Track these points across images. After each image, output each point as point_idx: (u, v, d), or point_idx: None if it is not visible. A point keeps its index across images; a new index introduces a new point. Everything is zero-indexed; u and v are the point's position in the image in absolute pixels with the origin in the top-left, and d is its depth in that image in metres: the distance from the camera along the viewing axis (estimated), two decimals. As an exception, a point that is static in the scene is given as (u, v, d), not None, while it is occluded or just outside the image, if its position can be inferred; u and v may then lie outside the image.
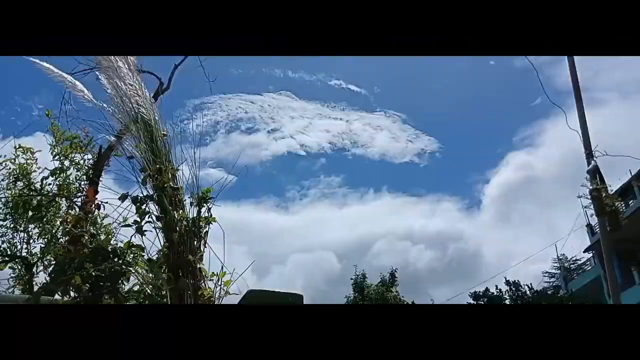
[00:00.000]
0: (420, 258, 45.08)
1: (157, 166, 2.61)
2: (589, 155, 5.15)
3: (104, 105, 2.88)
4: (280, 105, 39.85)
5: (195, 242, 2.55)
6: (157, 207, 2.60)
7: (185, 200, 2.65)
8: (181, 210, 2.57)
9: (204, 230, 2.60)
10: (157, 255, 2.54)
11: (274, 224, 50.24)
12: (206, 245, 2.59)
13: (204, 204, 2.61)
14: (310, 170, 53.07)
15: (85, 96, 2.93)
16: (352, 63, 54.22)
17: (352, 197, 53.10)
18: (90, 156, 6.29)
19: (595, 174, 4.94)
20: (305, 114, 44.11)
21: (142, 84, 2.92)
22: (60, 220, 5.53)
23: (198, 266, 2.51)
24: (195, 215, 2.60)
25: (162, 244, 2.54)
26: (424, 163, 48.74)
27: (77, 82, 3.01)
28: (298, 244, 49.56)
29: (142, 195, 2.58)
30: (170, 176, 2.62)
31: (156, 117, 2.81)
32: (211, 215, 2.64)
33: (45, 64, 3.00)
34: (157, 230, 2.55)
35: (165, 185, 2.56)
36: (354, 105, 48.53)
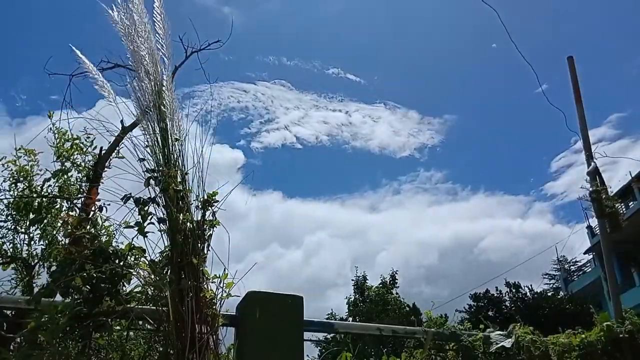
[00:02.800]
0: (519, 254, 44.66)
1: (162, 168, 2.61)
2: (589, 156, 5.15)
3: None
4: (275, 95, 38.95)
5: (199, 244, 2.55)
6: (157, 207, 2.60)
7: (192, 202, 2.64)
8: (187, 213, 2.57)
9: (208, 234, 2.60)
10: (159, 257, 2.54)
11: (369, 218, 48.86)
12: (210, 247, 2.59)
13: (209, 207, 2.61)
14: (407, 165, 51.56)
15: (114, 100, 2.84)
16: (351, 51, 52.45)
17: (447, 194, 51.76)
18: (90, 157, 6.31)
19: (595, 175, 4.94)
20: (301, 105, 43.26)
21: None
22: (62, 222, 5.53)
23: (201, 268, 2.51)
24: (199, 218, 2.60)
25: (165, 245, 2.55)
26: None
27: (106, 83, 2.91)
28: (394, 239, 46.90)
29: (144, 197, 2.57)
30: (177, 178, 2.61)
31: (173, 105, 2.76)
32: (215, 218, 2.63)
33: (84, 57, 2.91)
34: (162, 232, 2.55)
35: (170, 188, 2.55)
36: (352, 96, 47.14)
